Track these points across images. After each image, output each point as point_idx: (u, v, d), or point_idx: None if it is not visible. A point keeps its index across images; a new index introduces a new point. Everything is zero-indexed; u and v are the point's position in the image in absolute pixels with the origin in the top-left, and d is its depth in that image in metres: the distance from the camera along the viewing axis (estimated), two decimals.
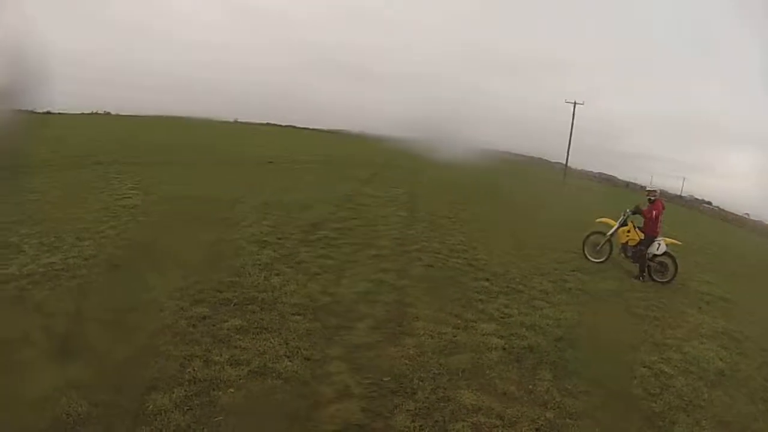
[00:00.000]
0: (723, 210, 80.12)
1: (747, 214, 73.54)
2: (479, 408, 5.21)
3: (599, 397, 5.90)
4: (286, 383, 5.11)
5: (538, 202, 25.96)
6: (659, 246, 12.23)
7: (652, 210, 12.33)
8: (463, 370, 6.00)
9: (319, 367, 5.55)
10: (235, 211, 13.72)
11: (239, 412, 4.50)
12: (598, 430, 5.24)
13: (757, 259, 26.05)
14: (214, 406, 4.55)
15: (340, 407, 4.88)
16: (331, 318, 6.97)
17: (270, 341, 6.00)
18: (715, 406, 6.34)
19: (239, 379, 5.08)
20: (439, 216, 16.80)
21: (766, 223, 64.24)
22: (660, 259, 12.32)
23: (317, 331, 6.50)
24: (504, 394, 5.59)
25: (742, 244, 36.29)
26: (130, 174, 17.41)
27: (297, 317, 6.85)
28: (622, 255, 12.92)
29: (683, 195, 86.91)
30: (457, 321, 7.55)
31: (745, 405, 6.55)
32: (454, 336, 6.95)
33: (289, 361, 5.57)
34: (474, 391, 5.53)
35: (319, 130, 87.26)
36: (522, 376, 6.08)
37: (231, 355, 5.55)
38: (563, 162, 59.57)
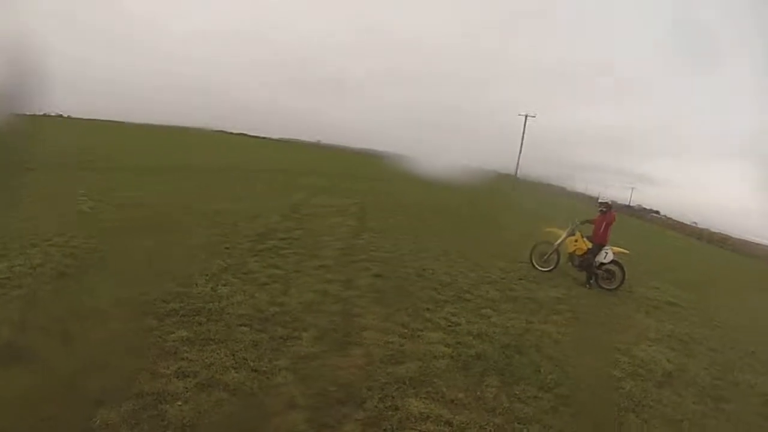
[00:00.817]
0: (670, 219, 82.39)
1: (695, 223, 76.00)
2: (428, 416, 5.27)
3: (548, 401, 6.07)
4: (234, 395, 5.07)
5: (488, 212, 26.30)
6: (606, 254, 12.58)
7: (602, 221, 12.63)
8: (410, 378, 6.05)
9: (267, 378, 5.52)
10: (184, 220, 13.60)
11: (187, 425, 4.46)
12: None
13: (704, 265, 26.96)
14: (162, 420, 4.49)
15: (287, 418, 4.88)
16: (278, 328, 6.93)
17: (217, 353, 5.95)
18: (664, 405, 6.62)
19: (186, 391, 5.01)
20: (389, 226, 16.90)
21: (713, 230, 66.44)
22: (607, 267, 12.63)
23: (264, 342, 6.45)
24: (452, 402, 5.67)
25: (689, 250, 37.42)
26: (80, 180, 17.04)
27: (244, 328, 6.79)
28: (570, 264, 13.19)
29: (632, 204, 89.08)
30: (405, 330, 7.61)
31: (694, 404, 6.86)
32: (401, 345, 7.01)
33: (236, 372, 5.53)
34: (422, 400, 5.59)
35: (270, 139, 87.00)
36: (470, 384, 6.17)
37: (178, 368, 5.47)
38: (513, 173, 60.82)
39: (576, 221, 13.20)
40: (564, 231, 13.32)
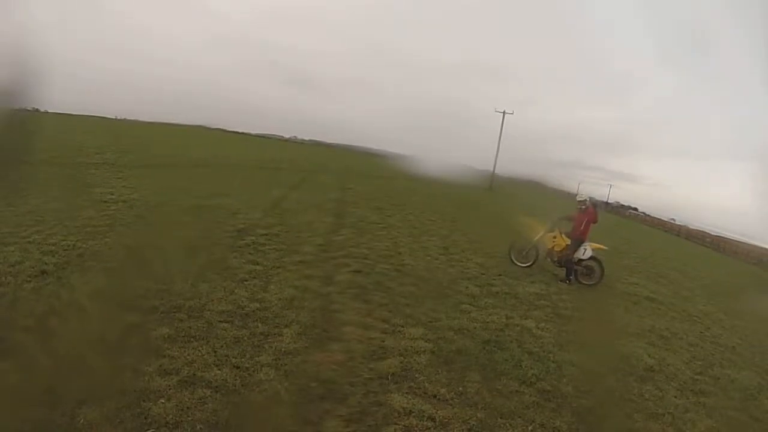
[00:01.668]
0: (648, 215, 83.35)
1: (672, 219, 77.05)
2: (411, 411, 5.30)
3: (530, 396, 6.13)
4: (216, 392, 5.05)
5: (466, 209, 26.37)
6: (585, 251, 12.65)
7: (583, 218, 12.70)
8: (392, 374, 6.09)
9: (249, 375, 5.51)
10: (164, 216, 13.51)
11: (170, 423, 4.44)
12: (531, 428, 5.41)
13: (682, 261, 27.22)
14: (146, 418, 4.46)
15: (270, 415, 4.89)
16: (259, 325, 6.92)
17: (199, 350, 5.91)
18: (645, 399, 6.74)
19: (169, 389, 4.98)
20: (368, 222, 16.93)
21: (691, 227, 67.41)
22: (586, 263, 12.73)
23: (245, 338, 6.43)
24: (434, 397, 5.70)
25: (667, 247, 37.83)
26: (59, 175, 16.84)
27: (225, 324, 6.76)
28: (549, 260, 13.27)
29: (610, 201, 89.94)
30: (385, 326, 7.65)
31: (675, 398, 6.97)
32: (382, 341, 7.04)
33: (219, 369, 5.51)
34: (404, 395, 5.62)
35: (248, 134, 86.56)
36: (451, 379, 6.21)
37: (160, 365, 5.42)
38: (491, 169, 61.02)
39: (555, 217, 13.28)
40: (542, 225, 13.40)
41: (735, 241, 58.18)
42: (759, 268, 41.28)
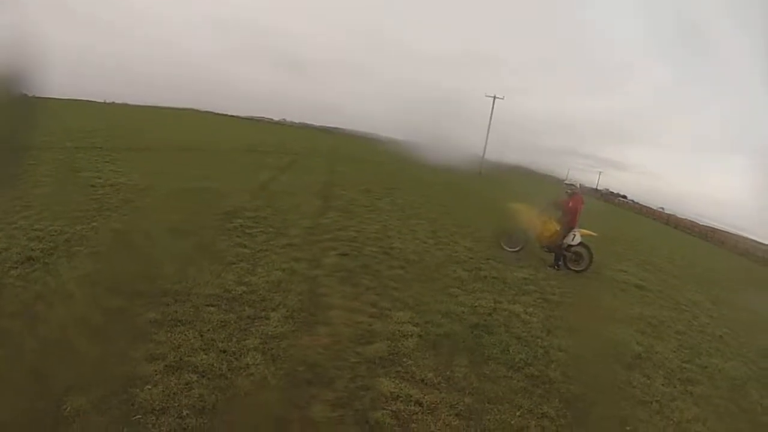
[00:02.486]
0: (638, 203, 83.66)
1: (662, 208, 77.41)
2: (398, 396, 5.32)
3: (518, 381, 6.17)
4: (203, 377, 5.04)
5: (455, 193, 26.38)
6: (574, 237, 12.69)
7: (569, 202, 12.69)
8: (380, 358, 6.11)
9: (236, 359, 5.51)
10: (151, 199, 13.42)
11: (157, 409, 4.43)
12: (518, 413, 5.42)
13: (670, 250, 27.33)
14: (132, 405, 4.44)
15: (257, 399, 4.88)
16: (246, 308, 6.90)
17: (185, 334, 5.89)
18: (633, 387, 6.78)
19: (156, 374, 4.96)
20: (356, 205, 16.91)
21: (679, 217, 67.77)
22: (575, 249, 12.76)
23: (232, 322, 6.42)
24: (422, 381, 5.72)
25: (656, 235, 38.00)
26: (45, 159, 16.66)
27: (211, 308, 6.73)
28: (538, 245, 13.28)
29: (599, 188, 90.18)
30: (373, 309, 7.65)
31: (663, 386, 7.01)
32: (369, 325, 7.05)
33: (205, 354, 5.50)
34: (392, 379, 5.64)
35: (238, 117, 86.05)
36: (439, 363, 6.23)
37: (147, 350, 5.40)
38: (481, 155, 60.98)
39: (544, 202, 13.27)
40: (530, 209, 13.39)
41: (723, 231, 58.53)
42: (747, 259, 41.56)
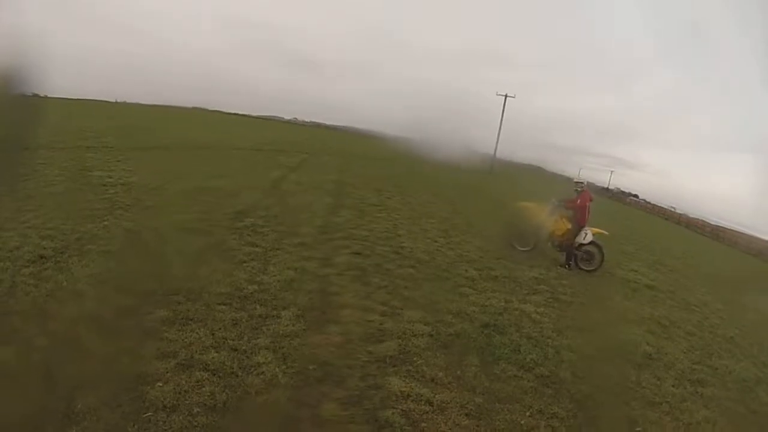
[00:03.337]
0: (649, 203, 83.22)
1: (673, 207, 76.96)
2: (408, 395, 5.29)
3: (528, 381, 6.13)
4: (214, 375, 5.05)
5: (466, 192, 26.31)
6: (586, 235, 12.64)
7: (577, 199, 12.63)
8: (390, 357, 6.09)
9: (246, 357, 5.51)
10: (163, 198, 13.45)
11: (168, 406, 4.43)
12: (529, 413, 5.39)
13: (682, 250, 27.17)
14: (143, 402, 4.45)
15: (268, 398, 4.87)
16: (257, 307, 6.90)
17: (196, 332, 5.90)
18: (643, 387, 6.72)
19: (167, 372, 4.97)
20: (367, 204, 16.91)
21: (691, 216, 67.37)
22: (586, 248, 12.70)
23: (243, 320, 6.43)
24: (432, 380, 5.70)
25: (667, 235, 37.79)
26: (57, 159, 16.72)
27: (223, 307, 6.74)
28: (549, 244, 13.23)
29: (610, 187, 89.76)
30: (384, 308, 7.64)
31: (673, 387, 6.95)
32: (380, 324, 7.03)
33: (216, 352, 5.50)
34: (402, 378, 5.61)
35: (249, 116, 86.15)
36: (450, 363, 6.21)
37: (157, 348, 5.42)
38: (492, 153, 60.78)
39: (554, 200, 13.20)
40: (541, 207, 13.33)
41: (735, 231, 57.93)
42: (759, 260, 41.21)
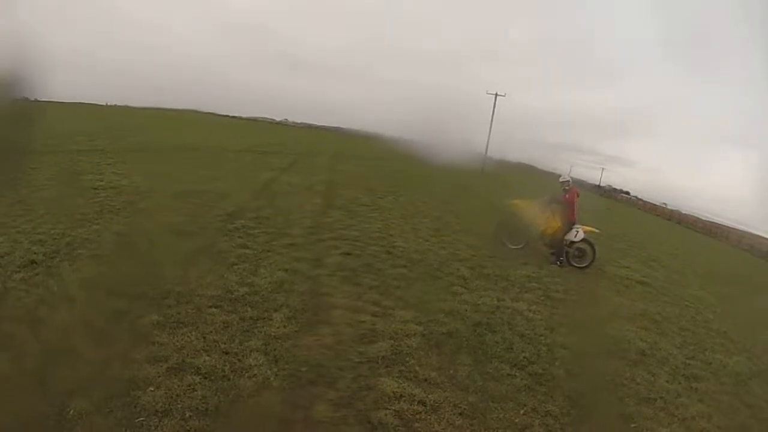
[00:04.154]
0: (641, 199, 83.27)
1: (665, 204, 77.04)
2: (401, 395, 5.30)
3: (522, 379, 6.14)
4: (206, 378, 5.04)
5: (457, 191, 26.31)
6: (577, 233, 12.64)
7: (565, 196, 12.65)
8: (383, 357, 6.09)
9: (238, 360, 5.50)
10: (153, 201, 13.41)
11: (160, 411, 4.43)
12: (523, 411, 5.41)
13: (674, 246, 27.26)
14: (135, 407, 4.45)
15: (260, 400, 4.87)
16: (248, 309, 6.89)
17: (188, 336, 5.89)
18: (637, 383, 6.75)
19: (158, 376, 4.96)
20: (358, 204, 16.91)
21: (683, 212, 67.58)
22: (578, 245, 12.72)
23: (234, 323, 6.42)
24: (425, 380, 5.70)
25: (659, 231, 37.90)
26: (46, 163, 16.63)
27: (214, 310, 6.73)
28: (540, 242, 13.24)
29: (601, 185, 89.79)
30: (375, 309, 7.64)
31: (667, 382, 6.99)
32: (372, 324, 7.03)
33: (208, 355, 5.49)
34: (395, 379, 5.62)
35: (240, 118, 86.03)
36: (442, 362, 6.22)
37: (149, 352, 5.41)
38: (483, 152, 60.65)
39: (544, 198, 13.21)
40: (532, 205, 13.34)
41: (727, 227, 58.12)
42: (751, 255, 41.45)
